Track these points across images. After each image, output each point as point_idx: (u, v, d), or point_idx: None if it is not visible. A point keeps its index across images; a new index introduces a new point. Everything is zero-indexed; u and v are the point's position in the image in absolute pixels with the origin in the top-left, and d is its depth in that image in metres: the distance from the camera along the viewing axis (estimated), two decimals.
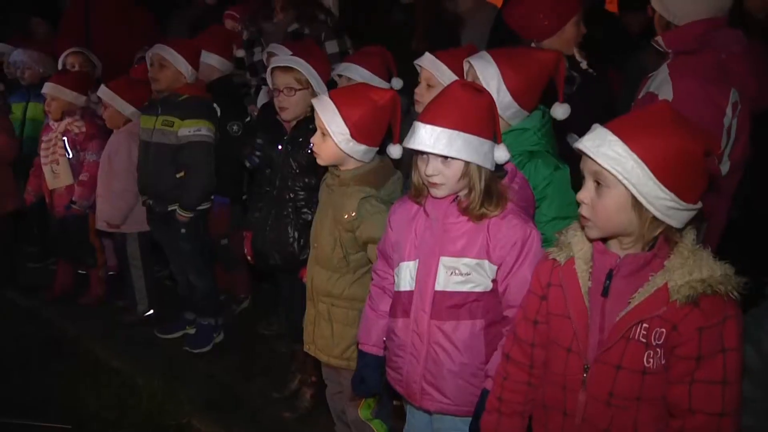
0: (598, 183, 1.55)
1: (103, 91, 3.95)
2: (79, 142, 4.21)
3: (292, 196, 2.96)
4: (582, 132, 1.60)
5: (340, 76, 3.26)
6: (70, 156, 4.24)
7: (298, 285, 2.85)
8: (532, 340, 1.78)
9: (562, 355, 1.68)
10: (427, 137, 1.82)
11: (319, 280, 2.50)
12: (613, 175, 1.50)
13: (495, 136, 1.89)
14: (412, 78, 2.87)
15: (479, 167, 1.86)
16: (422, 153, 1.88)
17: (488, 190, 1.87)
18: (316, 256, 2.53)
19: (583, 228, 1.64)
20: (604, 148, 1.50)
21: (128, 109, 3.96)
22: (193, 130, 3.52)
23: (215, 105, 3.72)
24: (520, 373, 1.81)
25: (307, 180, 2.93)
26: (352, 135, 2.29)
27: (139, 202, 3.91)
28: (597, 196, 1.55)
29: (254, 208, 3.16)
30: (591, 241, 1.64)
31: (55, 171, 4.25)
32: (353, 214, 2.34)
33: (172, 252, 3.85)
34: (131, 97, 3.95)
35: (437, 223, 1.95)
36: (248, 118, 3.96)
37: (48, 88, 4.22)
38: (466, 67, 2.29)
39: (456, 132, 1.81)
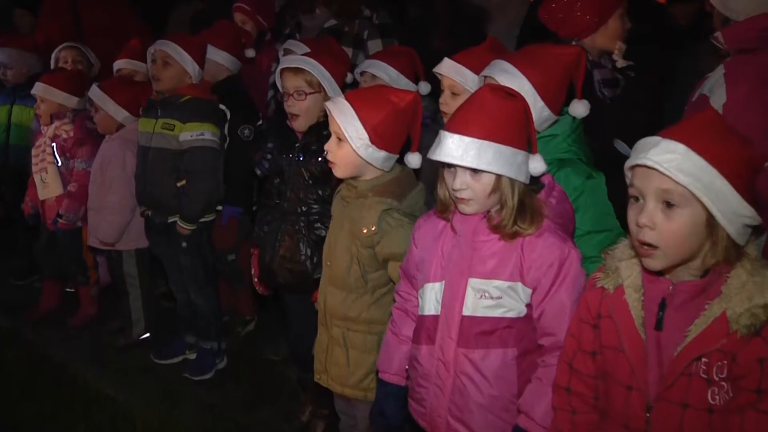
0: (666, 203, 1.51)
1: (94, 93, 3.96)
2: (68, 148, 4.24)
3: (304, 209, 2.98)
4: (627, 139, 1.61)
5: (362, 73, 3.30)
6: (59, 164, 4.28)
7: (308, 307, 2.88)
8: (593, 373, 1.79)
9: (622, 392, 1.68)
10: (455, 148, 1.84)
11: (334, 302, 2.52)
12: (691, 192, 1.47)
13: (529, 146, 1.90)
14: (436, 80, 2.91)
15: (512, 180, 1.88)
16: (449, 165, 1.91)
17: (522, 206, 1.89)
18: (330, 275, 2.54)
19: (639, 256, 1.62)
20: (680, 162, 1.47)
21: (121, 114, 3.98)
22: (195, 134, 3.56)
23: (224, 107, 3.77)
24: (587, 406, 1.82)
25: (320, 192, 2.95)
26: (371, 140, 2.32)
27: (135, 216, 3.95)
28: (665, 218, 1.52)
29: (262, 222, 3.19)
30: (651, 271, 1.61)
31: (45, 180, 4.28)
32: (373, 228, 2.36)
33: (171, 267, 3.88)
34: (125, 100, 3.98)
35: (466, 241, 1.97)
36: (260, 122, 4.00)
37: (38, 88, 4.26)
38: (481, 83, 2.32)
39: (486, 142, 1.82)
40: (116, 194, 3.94)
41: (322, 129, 2.90)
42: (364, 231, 2.38)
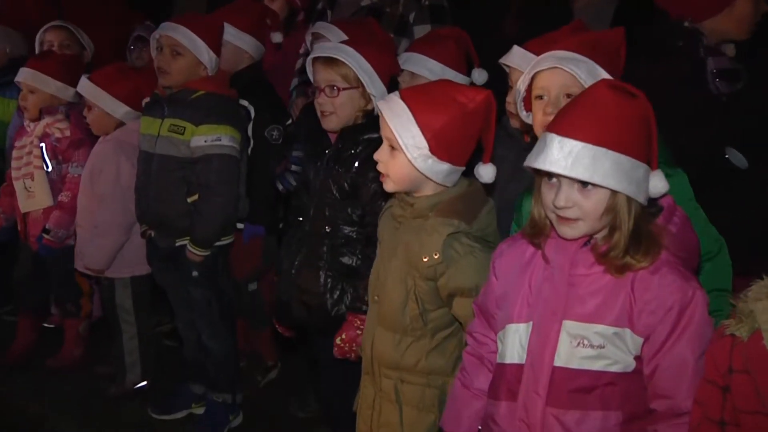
0: None
1: (85, 87, 3.96)
2: (62, 150, 4.24)
3: (328, 230, 2.99)
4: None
5: (402, 70, 3.31)
6: (50, 169, 4.26)
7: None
8: None
9: None
10: (562, 155, 1.82)
11: (384, 347, 2.52)
12: None
13: (650, 159, 1.88)
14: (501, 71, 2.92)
15: (629, 200, 1.86)
16: (551, 176, 1.90)
17: (637, 232, 1.87)
18: (378, 313, 2.55)
19: None
20: None
21: (120, 109, 3.98)
22: (210, 138, 3.55)
23: (246, 103, 3.79)
24: None
25: (350, 210, 2.97)
26: (431, 150, 2.31)
27: (133, 237, 3.96)
28: None
29: (286, 246, 3.22)
30: None
31: (29, 188, 4.28)
32: (436, 256, 2.35)
33: (178, 301, 3.89)
34: (124, 92, 3.97)
35: (561, 273, 1.96)
36: (289, 121, 4.02)
37: (25, 75, 4.25)
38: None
39: (602, 150, 1.81)
40: (107, 211, 3.95)
41: (359, 133, 2.95)
42: (425, 260, 2.37)
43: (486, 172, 2.36)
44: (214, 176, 3.57)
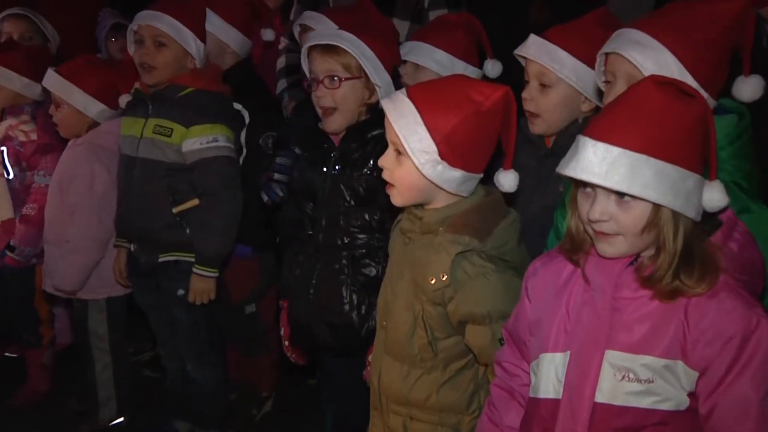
0: None
1: (52, 79, 3.92)
2: (26, 156, 4.23)
3: (346, 240, 3.00)
4: None
5: (404, 62, 3.33)
6: (11, 176, 4.26)
7: (354, 377, 2.95)
8: None
9: None
10: (596, 161, 1.79)
11: (391, 379, 2.52)
12: None
13: (706, 168, 1.85)
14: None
15: (676, 215, 1.81)
16: (586, 185, 1.87)
17: (689, 252, 1.82)
18: (386, 340, 2.55)
19: None
20: None
21: (94, 107, 3.95)
22: (205, 140, 3.53)
23: (241, 107, 3.79)
24: None
25: (367, 216, 2.98)
26: (442, 155, 2.29)
27: (108, 254, 3.95)
28: None
29: (293, 263, 3.19)
30: None
31: None
32: (444, 278, 2.33)
33: (161, 325, 3.88)
34: (97, 87, 3.94)
35: (603, 296, 1.92)
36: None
37: None
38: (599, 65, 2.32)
39: (643, 157, 1.76)
40: (80, 224, 3.92)
41: (364, 130, 2.95)
42: (432, 281, 2.35)
43: (507, 180, 2.33)
44: (217, 181, 3.55)
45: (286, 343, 3.29)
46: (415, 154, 2.28)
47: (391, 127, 2.32)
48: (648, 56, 2.14)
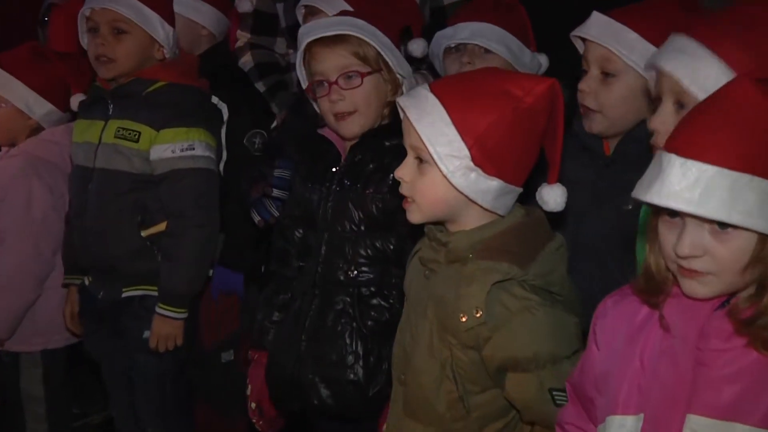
0: None
1: None
2: None
3: (351, 274, 2.97)
4: None
5: (451, 48, 3.45)
6: None
7: None
8: None
9: None
10: (686, 184, 1.71)
11: None
12: None
13: None
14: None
15: None
16: (670, 212, 1.81)
17: None
18: (405, 399, 2.53)
19: None
20: None
21: (38, 107, 3.98)
22: (178, 147, 3.51)
23: (217, 100, 3.80)
24: None
25: (379, 245, 2.96)
26: (475, 160, 2.26)
27: (47, 293, 3.94)
28: None
29: (273, 304, 3.20)
30: None
31: None
32: (478, 315, 2.28)
33: (116, 378, 3.86)
34: (42, 81, 3.97)
35: (686, 347, 1.86)
36: (274, 124, 4.06)
37: None
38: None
39: (746, 176, 1.69)
40: (12, 255, 3.91)
41: (382, 137, 2.94)
42: (463, 319, 2.31)
43: (552, 197, 2.34)
44: (188, 199, 3.56)
45: (253, 405, 3.26)
46: (443, 161, 2.25)
47: (411, 129, 2.30)
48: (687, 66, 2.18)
